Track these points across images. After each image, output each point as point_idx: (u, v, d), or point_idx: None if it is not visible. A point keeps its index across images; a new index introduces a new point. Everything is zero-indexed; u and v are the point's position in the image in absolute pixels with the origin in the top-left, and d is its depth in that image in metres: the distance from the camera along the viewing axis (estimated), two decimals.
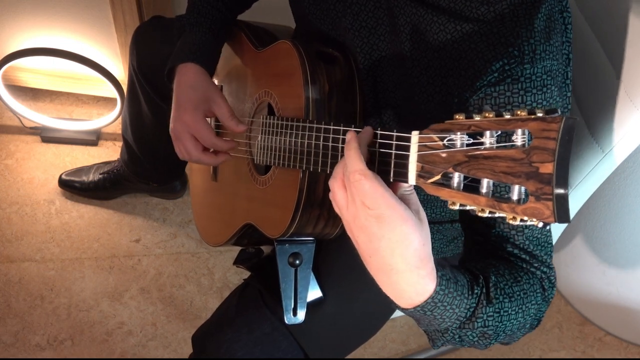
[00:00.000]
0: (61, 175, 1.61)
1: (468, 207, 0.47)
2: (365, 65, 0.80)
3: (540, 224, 0.42)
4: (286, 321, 0.81)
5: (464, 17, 0.67)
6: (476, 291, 0.60)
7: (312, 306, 0.84)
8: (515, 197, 0.43)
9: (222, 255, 1.58)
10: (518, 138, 0.43)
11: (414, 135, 0.52)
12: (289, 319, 0.81)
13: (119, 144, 1.56)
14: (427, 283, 0.55)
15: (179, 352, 1.40)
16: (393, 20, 0.75)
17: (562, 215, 0.41)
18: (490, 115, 0.45)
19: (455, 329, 0.61)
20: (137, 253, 1.55)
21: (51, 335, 1.38)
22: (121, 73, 1.71)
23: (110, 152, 1.74)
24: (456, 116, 0.47)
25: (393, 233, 0.52)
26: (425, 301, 0.55)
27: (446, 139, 0.48)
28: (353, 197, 0.54)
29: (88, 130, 1.73)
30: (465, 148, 0.47)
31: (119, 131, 1.50)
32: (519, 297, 0.63)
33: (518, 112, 0.43)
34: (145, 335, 1.41)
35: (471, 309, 0.60)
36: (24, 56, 1.55)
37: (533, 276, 0.67)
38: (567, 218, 0.42)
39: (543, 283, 0.67)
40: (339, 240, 0.82)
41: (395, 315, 0.98)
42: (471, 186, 0.47)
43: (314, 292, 0.85)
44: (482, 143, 0.45)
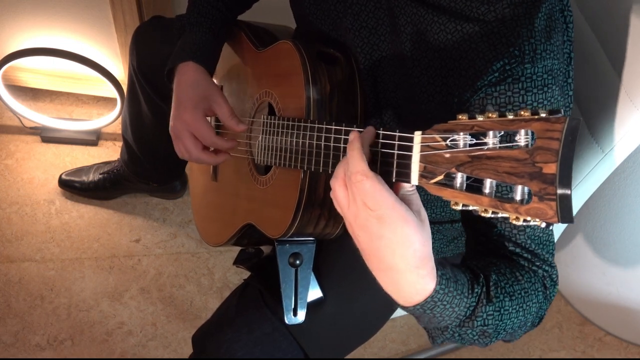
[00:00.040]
0: (61, 175, 1.61)
1: (471, 208, 0.47)
2: (365, 65, 0.80)
3: (543, 224, 0.42)
4: (286, 321, 0.81)
5: (465, 17, 0.67)
6: (476, 290, 0.60)
7: (313, 306, 0.84)
8: (518, 197, 0.43)
9: (222, 255, 1.58)
10: (521, 138, 0.43)
11: (417, 135, 0.52)
12: (289, 319, 0.81)
13: (119, 144, 1.56)
14: (427, 282, 0.55)
15: (179, 352, 1.40)
16: (394, 20, 0.75)
17: (566, 215, 0.41)
18: (493, 115, 0.45)
19: (455, 327, 0.61)
20: (137, 253, 1.55)
21: (51, 335, 1.38)
22: (121, 73, 1.71)
23: (110, 152, 1.74)
24: (459, 116, 0.47)
25: (394, 234, 0.52)
26: (424, 300, 0.56)
27: (449, 139, 0.48)
28: (354, 197, 0.54)
29: (88, 130, 1.73)
30: (468, 148, 0.47)
31: (119, 131, 1.50)
32: (520, 296, 0.63)
33: (521, 113, 0.43)
34: (145, 335, 1.41)
35: (471, 308, 0.60)
36: (24, 56, 1.55)
37: (535, 275, 0.67)
38: (571, 218, 0.42)
39: (545, 281, 0.67)
40: (340, 240, 0.82)
41: (395, 315, 0.98)
42: (474, 186, 0.47)
43: (314, 292, 0.85)
44: (485, 143, 0.45)
